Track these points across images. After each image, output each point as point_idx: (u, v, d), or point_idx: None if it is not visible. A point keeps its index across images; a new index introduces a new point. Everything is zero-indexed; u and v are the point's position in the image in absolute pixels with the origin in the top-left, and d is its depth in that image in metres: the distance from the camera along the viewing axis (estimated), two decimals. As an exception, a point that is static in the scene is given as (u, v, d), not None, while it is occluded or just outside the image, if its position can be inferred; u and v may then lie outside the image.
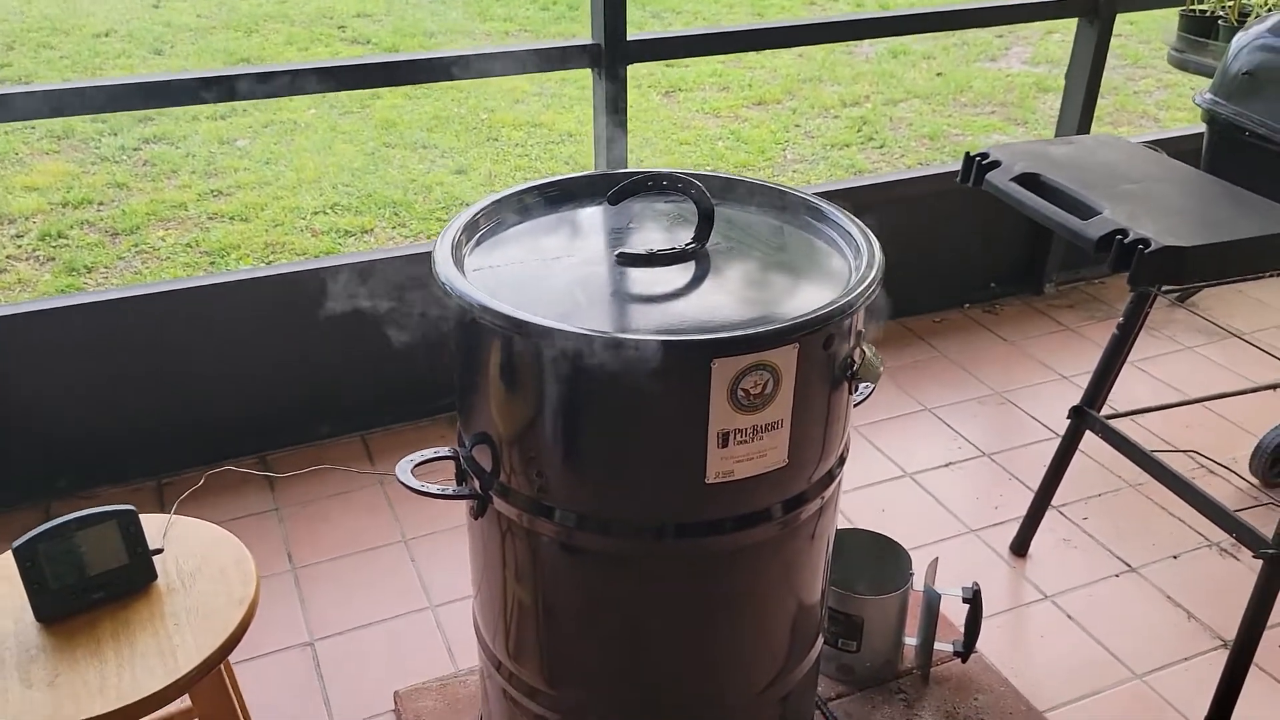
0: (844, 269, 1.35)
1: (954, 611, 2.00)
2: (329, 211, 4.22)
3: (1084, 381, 2.09)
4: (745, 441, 1.21)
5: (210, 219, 4.13)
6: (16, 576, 1.23)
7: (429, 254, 1.30)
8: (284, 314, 2.50)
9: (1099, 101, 3.17)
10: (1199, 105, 1.76)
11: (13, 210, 4.10)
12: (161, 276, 3.70)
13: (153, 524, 1.33)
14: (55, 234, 3.94)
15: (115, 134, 4.80)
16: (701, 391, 1.16)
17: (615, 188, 1.39)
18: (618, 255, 1.36)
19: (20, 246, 3.88)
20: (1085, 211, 1.53)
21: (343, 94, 5.40)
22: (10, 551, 1.19)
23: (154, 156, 4.63)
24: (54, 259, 3.79)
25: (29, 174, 4.40)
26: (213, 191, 4.35)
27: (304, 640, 2.05)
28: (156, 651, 1.17)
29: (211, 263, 3.82)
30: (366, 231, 4.10)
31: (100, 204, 4.20)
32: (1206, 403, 2.72)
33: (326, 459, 2.54)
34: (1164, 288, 1.96)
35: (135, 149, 4.70)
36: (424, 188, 4.45)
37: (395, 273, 2.52)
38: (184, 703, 1.29)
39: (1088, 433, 2.09)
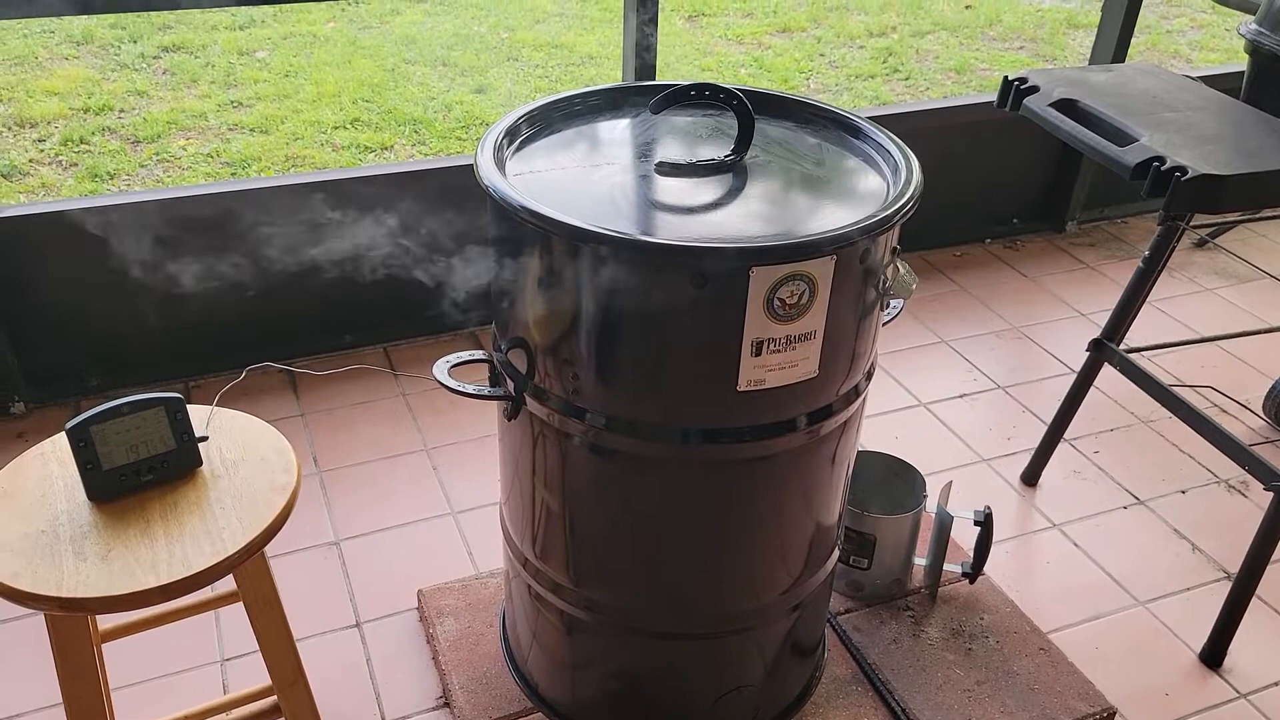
0: (881, 186, 1.36)
1: (963, 536, 2.04)
2: (349, 126, 4.20)
3: (1102, 319, 2.09)
4: (778, 351, 1.23)
5: (231, 130, 4.11)
6: (68, 459, 1.27)
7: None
8: (311, 223, 2.52)
9: (1130, 40, 3.12)
10: (1243, 35, 1.74)
11: (34, 114, 4.08)
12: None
13: (196, 414, 1.36)
14: (77, 139, 3.93)
15: (135, 41, 4.76)
16: (738, 299, 1.18)
17: (658, 96, 1.39)
18: (658, 164, 1.37)
19: (43, 151, 3.87)
20: (1123, 139, 1.53)
21: (362, 8, 5.33)
22: (64, 432, 1.22)
23: (174, 65, 4.59)
24: (76, 164, 3.79)
25: (49, 78, 4.37)
26: (233, 102, 4.33)
27: (330, 540, 2.10)
28: (204, 532, 1.22)
29: (233, 173, 3.81)
30: (387, 148, 4.08)
31: (121, 111, 4.18)
32: (1223, 343, 2.74)
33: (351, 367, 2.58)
34: (1193, 223, 1.96)
35: (155, 57, 4.66)
36: (444, 106, 4.42)
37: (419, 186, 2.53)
38: (229, 586, 1.34)
39: (1103, 368, 2.11)
